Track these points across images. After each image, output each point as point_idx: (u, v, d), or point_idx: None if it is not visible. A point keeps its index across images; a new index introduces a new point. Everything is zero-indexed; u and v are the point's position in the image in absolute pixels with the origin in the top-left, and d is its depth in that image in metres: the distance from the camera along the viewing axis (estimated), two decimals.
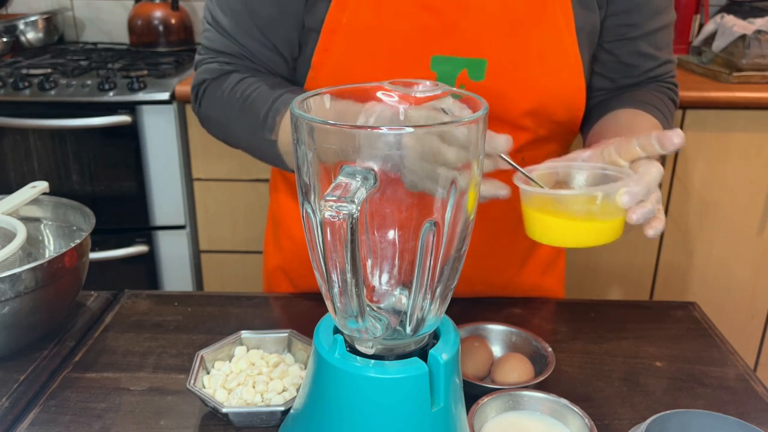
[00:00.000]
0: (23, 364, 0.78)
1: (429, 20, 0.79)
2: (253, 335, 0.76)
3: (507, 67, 0.81)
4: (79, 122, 1.80)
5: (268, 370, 0.72)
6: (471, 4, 0.79)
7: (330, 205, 0.45)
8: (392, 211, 0.51)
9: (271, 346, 0.76)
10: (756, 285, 1.99)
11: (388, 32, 0.80)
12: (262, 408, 0.66)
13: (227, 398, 0.69)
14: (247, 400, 0.68)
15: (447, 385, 0.57)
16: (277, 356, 0.75)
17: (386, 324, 0.56)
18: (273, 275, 1.06)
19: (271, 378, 0.71)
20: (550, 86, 0.83)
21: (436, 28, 0.80)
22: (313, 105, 0.56)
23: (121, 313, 0.90)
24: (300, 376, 0.71)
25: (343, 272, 0.48)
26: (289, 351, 0.76)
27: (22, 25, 2.26)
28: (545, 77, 0.83)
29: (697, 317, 0.90)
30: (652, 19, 0.88)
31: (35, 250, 0.91)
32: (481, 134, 0.53)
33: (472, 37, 0.80)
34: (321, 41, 0.82)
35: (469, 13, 0.79)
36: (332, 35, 0.81)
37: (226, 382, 0.70)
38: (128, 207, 1.91)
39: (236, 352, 0.75)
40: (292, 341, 0.76)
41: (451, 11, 0.79)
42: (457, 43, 0.80)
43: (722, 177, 1.88)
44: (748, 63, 1.87)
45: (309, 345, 0.74)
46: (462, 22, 0.80)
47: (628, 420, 0.70)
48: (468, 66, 0.81)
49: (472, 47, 0.80)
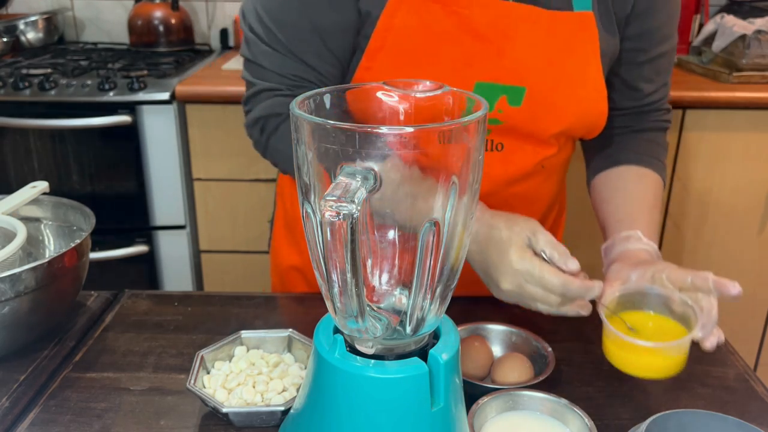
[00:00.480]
0: (23, 364, 0.78)
1: (476, 47, 0.81)
2: (253, 335, 0.76)
3: (543, 94, 0.84)
4: (79, 122, 1.80)
5: (268, 370, 0.72)
6: (517, 34, 0.81)
7: (330, 205, 0.45)
8: (392, 211, 0.51)
9: (271, 346, 0.76)
10: (756, 285, 1.99)
11: (432, 56, 0.81)
12: (262, 408, 0.66)
13: (227, 398, 0.69)
14: (247, 400, 0.68)
15: (447, 385, 0.57)
16: (277, 356, 0.75)
17: (386, 324, 0.56)
18: (287, 274, 1.06)
19: (271, 378, 0.71)
20: (578, 111, 0.87)
21: (482, 55, 0.81)
22: (313, 105, 0.56)
23: (121, 313, 0.90)
24: (300, 376, 0.71)
25: (343, 272, 0.48)
26: (289, 351, 0.76)
27: (22, 25, 2.26)
28: (575, 103, 0.86)
29: None
30: (658, 45, 0.91)
31: (35, 250, 0.91)
32: (481, 134, 0.53)
33: (515, 66, 0.82)
34: (364, 60, 0.82)
35: (515, 43, 0.81)
36: (376, 53, 0.82)
37: (226, 382, 0.70)
38: (128, 207, 1.91)
39: (236, 352, 0.75)
40: (292, 341, 0.76)
41: (498, 40, 0.81)
42: (500, 71, 0.82)
43: (722, 177, 1.88)
44: (748, 63, 1.87)
45: (309, 345, 0.74)
46: (506, 51, 0.81)
47: (628, 420, 0.70)
48: (508, 93, 0.83)
49: (513, 75, 0.82)
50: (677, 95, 1.79)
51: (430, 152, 0.50)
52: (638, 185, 0.93)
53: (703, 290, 0.72)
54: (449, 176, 0.51)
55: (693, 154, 1.86)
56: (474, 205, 0.55)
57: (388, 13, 0.79)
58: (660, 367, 0.63)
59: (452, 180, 0.51)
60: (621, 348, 0.71)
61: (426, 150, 0.49)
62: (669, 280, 0.73)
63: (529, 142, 0.88)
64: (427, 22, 0.79)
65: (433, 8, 0.79)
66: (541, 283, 0.71)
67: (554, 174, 0.97)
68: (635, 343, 0.69)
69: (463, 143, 0.51)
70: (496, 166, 0.89)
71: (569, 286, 0.70)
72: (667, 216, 1.94)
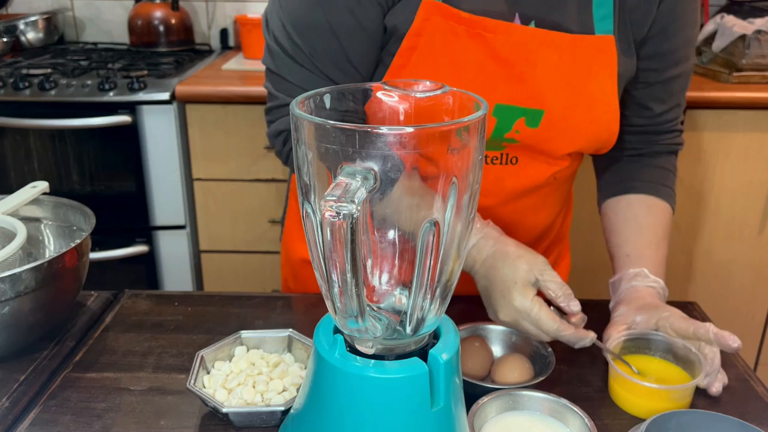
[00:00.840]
0: (23, 364, 0.78)
1: (497, 71, 0.82)
2: (253, 335, 0.76)
3: (560, 116, 0.85)
4: (79, 122, 1.80)
5: (269, 370, 0.72)
6: (538, 59, 0.82)
7: (330, 205, 0.45)
8: (392, 211, 0.51)
9: (271, 346, 0.76)
10: (756, 285, 1.99)
11: (455, 77, 0.81)
12: (262, 408, 0.66)
13: (227, 398, 0.69)
14: (247, 400, 0.68)
15: (447, 385, 0.57)
16: (277, 356, 0.75)
17: (386, 324, 0.56)
18: (300, 268, 1.07)
19: (271, 378, 0.71)
20: (592, 132, 0.88)
21: (503, 79, 0.82)
22: (313, 105, 0.56)
23: (121, 313, 0.90)
24: (300, 376, 0.71)
25: (343, 272, 0.48)
26: (289, 351, 0.76)
27: (22, 25, 2.26)
28: (591, 125, 0.87)
29: (697, 317, 0.90)
30: (672, 68, 0.91)
31: (35, 250, 0.91)
32: (481, 134, 0.53)
33: (535, 90, 0.83)
34: (387, 76, 0.83)
35: (536, 68, 0.82)
36: (400, 71, 0.82)
37: (226, 382, 0.70)
38: (128, 207, 1.91)
39: (236, 352, 0.75)
40: (292, 341, 0.76)
41: (519, 64, 0.81)
42: (520, 94, 0.83)
43: (722, 177, 1.88)
44: (748, 63, 1.87)
45: (309, 345, 0.74)
46: (527, 75, 0.82)
47: (628, 420, 0.70)
48: (526, 115, 0.84)
49: (533, 99, 0.83)
50: None
51: (430, 152, 0.50)
52: (648, 218, 0.95)
53: (705, 341, 0.75)
54: (449, 176, 0.51)
55: (693, 154, 1.86)
56: (474, 205, 0.55)
57: (414, 32, 0.80)
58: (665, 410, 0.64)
59: (452, 180, 0.51)
60: (628, 390, 0.71)
61: (426, 150, 0.49)
62: (672, 329, 0.76)
63: (543, 158, 0.90)
64: (451, 43, 0.80)
65: (458, 30, 0.79)
66: (537, 324, 0.74)
67: (564, 183, 0.99)
68: (643, 385, 0.70)
69: (463, 143, 0.51)
70: (510, 178, 0.91)
71: (562, 333, 0.73)
72: None
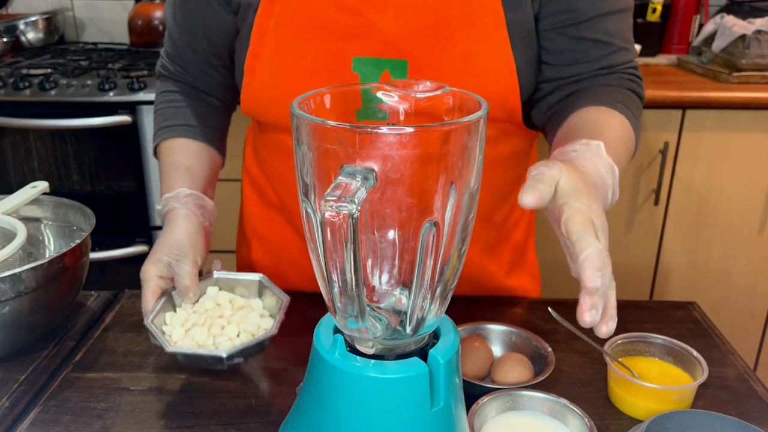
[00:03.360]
0: (23, 364, 0.78)
1: (348, 22, 0.80)
2: (225, 276, 0.77)
3: (430, 67, 0.81)
4: (79, 122, 1.80)
5: (230, 313, 0.72)
6: (388, 5, 0.79)
7: (330, 205, 0.45)
8: (392, 211, 0.51)
9: (244, 290, 0.77)
10: (756, 285, 1.99)
11: (311, 35, 0.81)
12: (205, 351, 0.66)
13: (183, 337, 0.69)
14: (198, 342, 0.68)
15: (447, 385, 0.57)
16: (244, 300, 0.75)
17: (386, 324, 0.56)
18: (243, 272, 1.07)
19: (229, 322, 0.71)
20: (478, 87, 0.76)
21: (355, 29, 0.80)
22: (313, 105, 0.56)
23: (121, 313, 0.90)
24: (258, 325, 0.71)
25: (343, 272, 0.48)
26: (259, 297, 0.77)
27: (23, 25, 2.26)
28: (473, 78, 0.82)
29: (697, 317, 0.90)
30: (594, 4, 0.83)
31: (35, 250, 0.91)
32: (482, 134, 0.53)
33: (391, 38, 0.80)
34: (251, 46, 0.83)
35: (387, 15, 0.79)
36: (261, 39, 0.82)
37: (185, 322, 0.70)
38: (128, 207, 1.91)
39: (208, 291, 0.75)
40: (263, 288, 0.76)
41: (368, 12, 0.79)
42: (377, 45, 0.80)
43: (722, 177, 1.88)
44: (747, 63, 1.87)
45: (277, 293, 0.75)
46: (380, 23, 0.79)
47: (627, 420, 0.70)
48: (390, 67, 0.81)
49: (391, 48, 0.80)
50: (677, 95, 1.79)
51: (430, 152, 0.50)
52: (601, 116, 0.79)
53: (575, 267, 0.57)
54: (449, 176, 0.51)
55: (693, 154, 1.86)
56: (474, 205, 0.55)
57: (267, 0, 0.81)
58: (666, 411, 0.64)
59: (452, 180, 0.51)
60: (627, 392, 0.71)
61: (426, 150, 0.49)
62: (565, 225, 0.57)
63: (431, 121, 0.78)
64: (304, 3, 0.80)
65: None
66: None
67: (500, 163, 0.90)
68: (642, 387, 0.69)
69: (463, 143, 0.51)
70: None
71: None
72: (667, 216, 1.94)
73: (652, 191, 1.90)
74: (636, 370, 0.73)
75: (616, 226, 1.94)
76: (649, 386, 0.69)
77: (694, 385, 0.70)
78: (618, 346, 0.76)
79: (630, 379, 0.70)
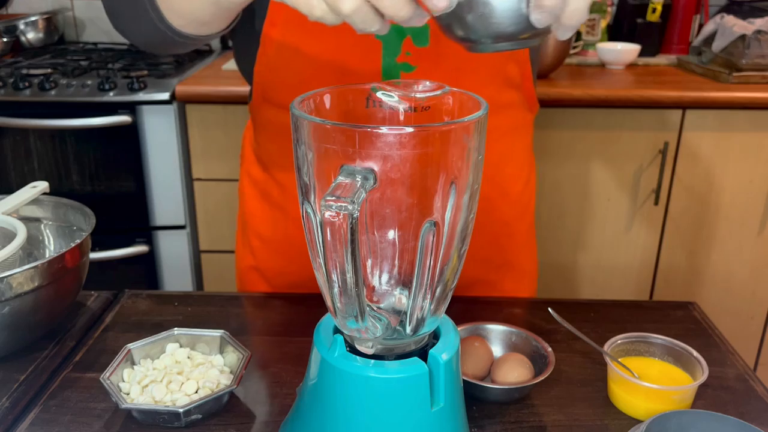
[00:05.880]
0: (23, 364, 0.78)
1: None
2: (186, 332, 0.76)
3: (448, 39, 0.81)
4: (79, 122, 1.80)
5: (189, 370, 0.72)
6: None
7: (330, 205, 0.45)
8: (392, 211, 0.51)
9: (204, 346, 0.76)
10: (756, 285, 1.99)
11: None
12: (161, 407, 0.65)
13: (141, 394, 0.69)
14: (156, 398, 0.68)
15: (447, 385, 0.57)
16: (203, 357, 0.75)
17: (386, 324, 0.56)
18: (246, 275, 1.06)
19: (188, 378, 0.70)
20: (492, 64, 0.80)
21: None
22: (313, 105, 0.56)
23: (121, 313, 0.90)
24: (218, 381, 0.70)
25: (343, 272, 0.48)
26: (220, 353, 0.76)
27: (23, 25, 2.26)
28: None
29: (697, 317, 0.90)
30: None
31: (35, 250, 0.91)
32: (481, 134, 0.53)
33: None
34: (269, 14, 0.81)
35: None
36: (280, 8, 0.80)
37: (143, 379, 0.70)
38: (128, 207, 1.91)
39: (167, 349, 0.75)
40: (224, 344, 0.75)
41: None
42: None
43: (722, 177, 1.88)
44: (747, 63, 1.87)
45: (240, 348, 0.73)
46: None
47: (627, 420, 0.70)
48: (412, 33, 0.81)
49: None
50: (677, 95, 1.79)
51: (430, 152, 0.50)
52: None
53: None
54: (449, 176, 0.51)
55: (693, 154, 1.86)
56: (474, 205, 0.55)
57: None
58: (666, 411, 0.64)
59: (452, 180, 0.51)
60: (627, 392, 0.71)
61: (426, 150, 0.49)
62: None
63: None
64: None
65: None
66: None
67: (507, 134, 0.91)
68: (642, 386, 0.69)
69: (463, 143, 0.51)
70: None
71: None
72: (667, 216, 1.94)
73: (652, 191, 1.90)
74: (636, 370, 0.73)
75: (616, 226, 1.94)
76: (649, 386, 0.69)
77: (694, 385, 0.70)
78: (618, 346, 0.76)
79: (630, 379, 0.70)
